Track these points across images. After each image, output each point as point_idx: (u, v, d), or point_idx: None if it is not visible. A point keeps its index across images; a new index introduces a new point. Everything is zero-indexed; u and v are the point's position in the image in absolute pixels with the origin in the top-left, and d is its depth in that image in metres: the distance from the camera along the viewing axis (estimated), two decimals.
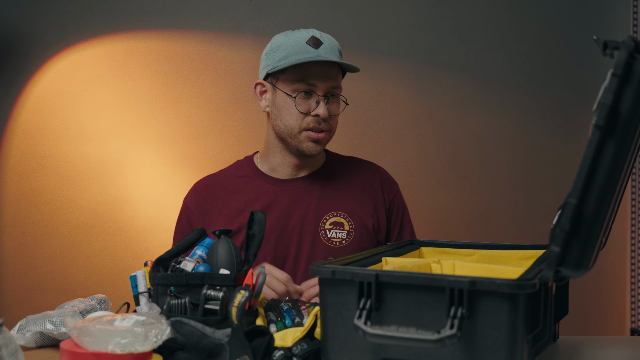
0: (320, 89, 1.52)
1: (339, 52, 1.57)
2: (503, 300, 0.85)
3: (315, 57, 1.49)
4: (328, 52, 1.53)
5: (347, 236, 1.57)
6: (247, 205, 1.59)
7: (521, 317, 0.85)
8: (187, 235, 1.22)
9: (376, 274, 0.91)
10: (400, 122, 2.81)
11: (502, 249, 1.30)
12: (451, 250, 1.34)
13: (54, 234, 2.54)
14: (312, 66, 1.52)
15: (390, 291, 0.91)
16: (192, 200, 1.64)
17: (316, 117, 1.53)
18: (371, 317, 0.90)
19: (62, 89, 2.57)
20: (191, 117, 2.64)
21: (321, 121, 1.53)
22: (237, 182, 1.64)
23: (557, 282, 1.09)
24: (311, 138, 1.54)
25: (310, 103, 1.53)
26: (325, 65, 1.52)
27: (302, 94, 1.52)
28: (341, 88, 1.59)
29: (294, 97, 1.52)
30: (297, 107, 1.53)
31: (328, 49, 1.53)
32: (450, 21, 2.86)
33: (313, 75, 1.51)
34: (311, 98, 1.53)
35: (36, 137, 2.55)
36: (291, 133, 1.55)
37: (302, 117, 1.53)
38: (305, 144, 1.55)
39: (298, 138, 1.55)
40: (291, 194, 1.61)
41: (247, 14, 2.67)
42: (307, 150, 1.56)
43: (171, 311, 1.08)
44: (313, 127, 1.54)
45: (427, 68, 2.81)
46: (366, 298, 0.91)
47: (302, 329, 1.01)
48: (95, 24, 2.59)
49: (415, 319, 0.90)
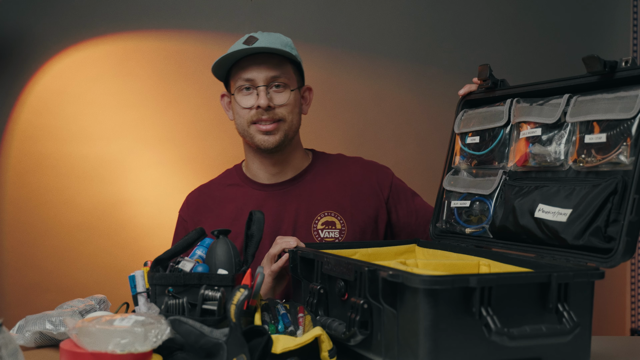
0: (259, 80, 1.55)
1: (281, 46, 1.56)
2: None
3: (241, 49, 1.52)
4: (263, 45, 1.53)
5: (340, 234, 1.58)
6: (239, 213, 1.59)
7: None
8: (186, 235, 1.22)
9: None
10: (400, 122, 2.81)
11: (377, 246, 1.43)
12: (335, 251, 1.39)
13: (54, 234, 2.54)
14: (247, 61, 1.55)
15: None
16: (186, 213, 1.67)
17: (258, 109, 1.55)
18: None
19: (62, 89, 2.57)
20: (191, 117, 2.64)
21: (263, 112, 1.55)
22: (227, 191, 1.65)
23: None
24: (260, 130, 1.57)
25: (253, 98, 1.56)
26: (262, 57, 1.55)
27: (244, 90, 1.57)
28: (289, 79, 1.59)
29: (234, 95, 1.58)
30: (239, 103, 1.57)
31: (264, 42, 1.54)
32: (450, 21, 2.86)
33: (248, 69, 1.55)
34: (253, 93, 1.56)
35: (36, 137, 2.55)
36: (244, 130, 1.60)
37: (247, 112, 1.57)
38: (257, 137, 1.58)
39: (250, 133, 1.58)
40: (280, 197, 1.61)
41: (247, 14, 2.67)
42: (260, 143, 1.57)
43: (169, 311, 1.08)
44: (257, 119, 1.56)
45: (427, 68, 2.81)
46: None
47: (296, 343, 1.00)
48: (95, 24, 2.59)
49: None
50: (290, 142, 1.61)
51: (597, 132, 1.12)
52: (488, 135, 1.40)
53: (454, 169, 1.50)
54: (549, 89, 1.27)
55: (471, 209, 1.41)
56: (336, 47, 2.74)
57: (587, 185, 1.13)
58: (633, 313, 2.97)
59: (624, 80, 1.11)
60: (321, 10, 2.74)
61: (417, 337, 0.92)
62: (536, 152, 1.26)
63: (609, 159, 1.10)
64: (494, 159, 1.38)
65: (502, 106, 1.37)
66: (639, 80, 1.08)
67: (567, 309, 0.96)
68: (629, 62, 1.10)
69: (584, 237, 1.10)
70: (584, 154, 1.15)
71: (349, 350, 1.08)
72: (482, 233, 1.38)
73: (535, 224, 1.20)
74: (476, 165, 1.44)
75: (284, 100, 1.57)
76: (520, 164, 1.30)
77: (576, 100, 1.19)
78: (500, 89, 1.42)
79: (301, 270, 1.28)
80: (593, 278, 1.00)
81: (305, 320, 1.15)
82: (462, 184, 1.45)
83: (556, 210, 1.16)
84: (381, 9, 2.80)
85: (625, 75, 1.11)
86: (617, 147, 1.09)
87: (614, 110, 1.09)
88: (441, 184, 1.51)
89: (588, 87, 1.18)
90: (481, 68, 1.44)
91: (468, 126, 1.45)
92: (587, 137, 1.14)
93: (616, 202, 1.07)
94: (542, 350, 0.98)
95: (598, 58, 1.13)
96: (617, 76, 1.12)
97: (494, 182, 1.36)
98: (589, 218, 1.10)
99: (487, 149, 1.40)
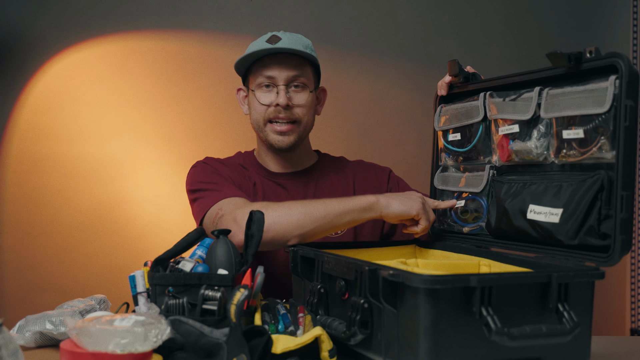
0: (280, 79, 1.58)
1: (303, 48, 1.59)
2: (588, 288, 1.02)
3: (267, 49, 1.55)
4: (286, 46, 1.57)
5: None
6: (249, 190, 1.63)
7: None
8: (186, 235, 1.22)
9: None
10: (400, 122, 2.81)
11: (378, 246, 1.46)
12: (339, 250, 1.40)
13: (54, 234, 2.54)
14: (270, 59, 1.58)
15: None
16: (211, 160, 1.67)
17: (277, 107, 1.58)
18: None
19: (62, 89, 2.57)
20: (191, 117, 2.64)
21: (282, 110, 1.58)
22: (240, 169, 1.68)
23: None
24: (275, 131, 1.60)
25: (272, 95, 1.59)
26: (284, 56, 1.58)
27: (263, 87, 1.59)
28: (308, 80, 1.62)
29: (253, 91, 1.60)
30: (258, 100, 1.60)
31: (286, 43, 1.57)
32: (450, 21, 2.86)
33: (270, 67, 1.58)
34: (273, 91, 1.59)
35: (36, 137, 2.55)
36: (259, 126, 1.63)
37: (264, 109, 1.60)
38: (272, 137, 1.61)
39: (265, 131, 1.62)
40: (289, 186, 1.67)
41: (247, 14, 2.67)
42: (275, 142, 1.61)
43: (169, 311, 1.08)
44: (274, 117, 1.59)
45: (427, 68, 2.81)
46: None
47: (296, 343, 1.00)
48: (95, 24, 2.59)
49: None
50: (302, 142, 1.66)
51: (574, 129, 1.13)
52: (468, 132, 1.41)
53: (442, 167, 1.51)
54: (520, 82, 1.28)
55: (465, 206, 1.42)
56: (336, 47, 2.74)
57: (573, 181, 1.13)
58: (633, 313, 2.97)
59: (591, 71, 1.11)
60: (321, 10, 2.74)
61: (417, 336, 0.92)
62: (517, 148, 1.26)
63: (590, 154, 1.11)
64: (478, 154, 1.40)
65: (476, 101, 1.38)
66: (606, 70, 1.08)
67: (567, 309, 0.96)
68: (593, 53, 1.11)
69: (579, 237, 1.10)
70: (565, 148, 1.16)
71: (349, 350, 1.08)
72: (479, 231, 1.39)
73: (529, 225, 1.21)
74: (462, 161, 1.45)
75: (303, 101, 1.61)
76: (505, 159, 1.31)
77: (547, 93, 1.19)
78: (472, 83, 1.43)
79: (301, 270, 1.28)
80: (593, 278, 1.01)
81: (306, 320, 1.15)
82: (453, 182, 1.46)
83: (547, 211, 1.16)
84: (381, 9, 2.80)
85: (592, 66, 1.11)
86: (595, 141, 1.09)
87: (586, 106, 1.10)
88: (432, 184, 1.52)
89: (558, 78, 1.19)
90: (450, 64, 1.45)
91: (447, 123, 1.47)
92: (565, 133, 1.15)
93: (605, 198, 1.07)
94: (542, 350, 0.98)
95: (562, 53, 1.13)
96: (583, 67, 1.12)
97: (483, 178, 1.36)
98: (581, 217, 1.10)
99: (470, 145, 1.41)
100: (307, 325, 1.12)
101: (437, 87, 1.51)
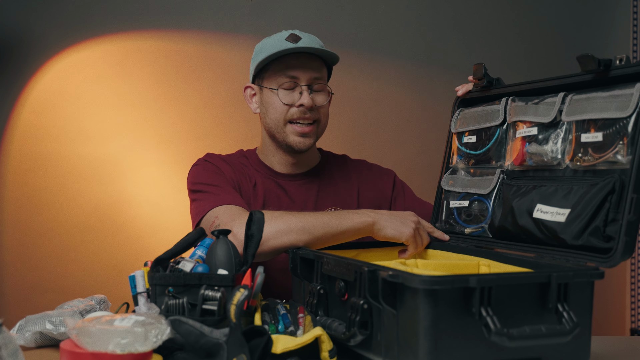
0: (303, 80, 1.55)
1: (319, 47, 1.58)
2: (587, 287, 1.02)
3: (292, 47, 1.52)
4: (307, 45, 1.55)
5: None
6: (249, 190, 1.61)
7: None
8: (186, 235, 1.22)
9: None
10: (400, 122, 2.81)
11: (377, 247, 1.46)
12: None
13: (54, 234, 2.54)
14: (292, 59, 1.55)
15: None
16: (213, 158, 1.65)
17: (301, 108, 1.55)
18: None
19: (62, 89, 2.57)
20: (191, 117, 2.64)
21: (306, 111, 1.56)
22: (242, 167, 1.66)
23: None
24: (297, 132, 1.57)
25: (294, 95, 1.56)
26: (305, 57, 1.56)
27: (285, 87, 1.56)
28: (326, 82, 1.62)
29: (277, 90, 1.56)
30: (281, 100, 1.56)
31: (307, 43, 1.55)
32: (450, 21, 2.86)
33: (293, 67, 1.55)
34: (295, 90, 1.56)
35: (36, 137, 2.55)
36: (278, 127, 1.59)
37: (286, 109, 1.57)
38: (292, 138, 1.58)
39: (284, 132, 1.58)
40: (291, 188, 1.65)
41: (247, 14, 2.67)
42: (295, 144, 1.58)
43: (169, 311, 1.08)
44: (298, 117, 1.57)
45: (427, 68, 2.81)
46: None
47: (296, 343, 1.00)
48: (95, 24, 2.59)
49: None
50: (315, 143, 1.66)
51: (593, 132, 1.12)
52: (484, 134, 1.40)
53: (452, 169, 1.51)
54: (544, 88, 1.28)
55: (470, 208, 1.42)
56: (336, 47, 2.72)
57: (584, 185, 1.13)
58: (633, 313, 2.97)
59: (619, 79, 1.12)
60: (321, 10, 2.74)
61: (417, 337, 0.92)
62: (533, 151, 1.26)
63: (605, 158, 1.10)
64: (491, 158, 1.39)
65: (497, 105, 1.38)
66: (634, 78, 1.09)
67: (567, 309, 0.96)
68: (624, 60, 1.11)
69: (583, 237, 1.10)
70: (581, 152, 1.16)
71: (349, 350, 1.08)
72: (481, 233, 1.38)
73: (534, 224, 1.20)
74: (474, 164, 1.44)
75: (324, 102, 1.60)
76: (518, 163, 1.30)
77: (571, 98, 1.19)
78: (495, 88, 1.43)
79: (301, 271, 1.28)
80: (593, 278, 1.01)
81: (306, 320, 1.15)
82: (460, 183, 1.45)
83: (554, 210, 1.16)
84: (381, 9, 2.80)
85: (619, 73, 1.11)
86: (613, 145, 1.09)
87: (609, 109, 1.10)
88: (439, 184, 1.52)
89: (583, 85, 1.19)
90: (476, 67, 1.45)
91: (464, 125, 1.46)
92: (584, 136, 1.14)
93: (614, 201, 1.07)
94: (542, 351, 0.98)
95: (592, 57, 1.13)
96: (611, 74, 1.13)
97: (491, 182, 1.36)
98: (587, 218, 1.10)
99: (484, 148, 1.40)
100: (307, 326, 1.12)
101: (458, 88, 1.50)
